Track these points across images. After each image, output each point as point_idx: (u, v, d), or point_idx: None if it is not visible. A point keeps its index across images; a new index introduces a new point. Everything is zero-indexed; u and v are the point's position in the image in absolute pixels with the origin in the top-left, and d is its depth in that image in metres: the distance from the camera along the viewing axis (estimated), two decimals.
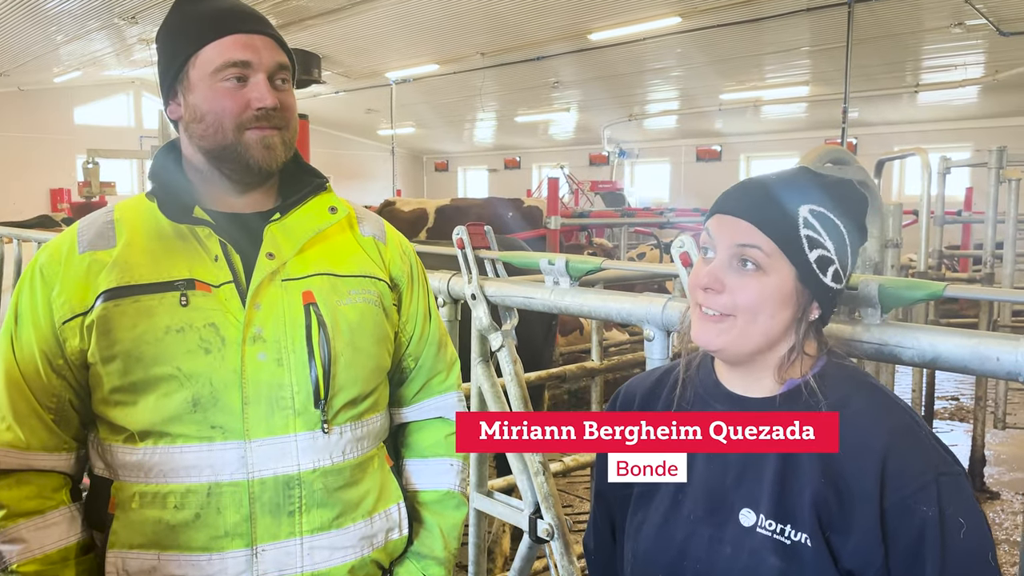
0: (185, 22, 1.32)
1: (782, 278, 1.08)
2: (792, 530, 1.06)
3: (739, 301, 1.08)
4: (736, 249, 1.09)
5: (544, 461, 2.00)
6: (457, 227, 2.07)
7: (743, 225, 1.09)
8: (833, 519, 1.04)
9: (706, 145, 20.10)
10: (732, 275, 1.09)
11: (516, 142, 23.32)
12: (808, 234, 1.08)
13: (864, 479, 1.02)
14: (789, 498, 1.07)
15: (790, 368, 1.12)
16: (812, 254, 1.08)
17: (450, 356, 1.57)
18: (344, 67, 16.17)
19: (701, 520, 1.14)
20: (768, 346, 1.11)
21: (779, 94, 16.07)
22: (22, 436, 1.26)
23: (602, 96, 17.37)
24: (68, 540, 1.28)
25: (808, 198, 1.10)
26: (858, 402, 1.08)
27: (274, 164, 1.32)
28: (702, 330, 1.11)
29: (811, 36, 12.61)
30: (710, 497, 1.14)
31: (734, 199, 1.12)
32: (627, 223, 9.44)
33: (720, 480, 1.13)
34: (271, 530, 1.27)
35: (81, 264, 1.28)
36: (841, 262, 1.11)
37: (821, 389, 1.09)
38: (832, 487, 1.04)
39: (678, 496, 1.17)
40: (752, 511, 1.09)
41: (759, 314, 1.08)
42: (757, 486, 1.09)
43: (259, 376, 1.26)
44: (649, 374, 1.32)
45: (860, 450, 1.04)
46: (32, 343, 1.27)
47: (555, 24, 12.76)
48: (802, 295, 1.09)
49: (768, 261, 1.07)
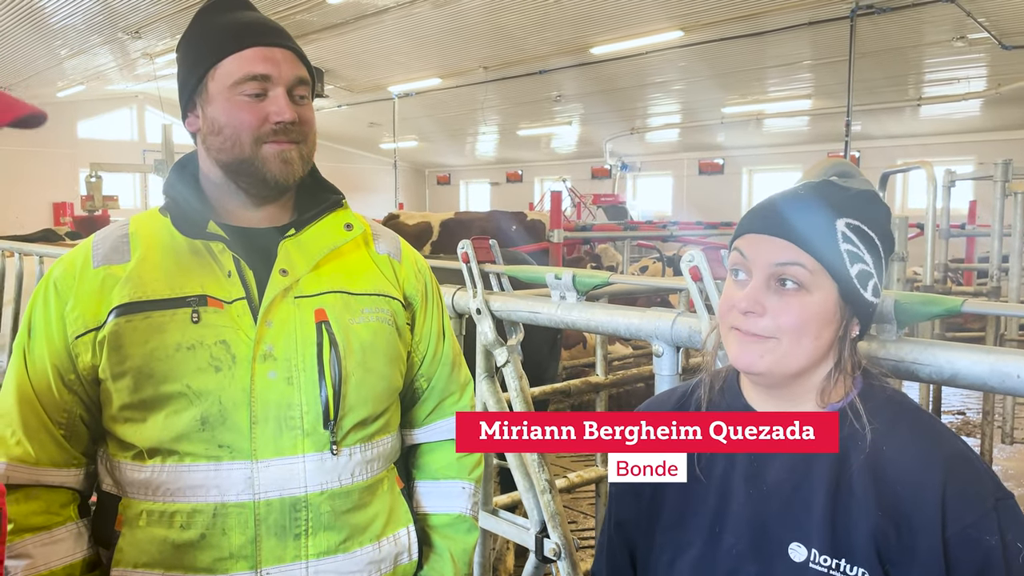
0: (205, 34, 1.31)
1: (825, 296, 1.04)
2: (848, 565, 1.02)
3: (782, 323, 1.04)
4: (775, 269, 1.05)
5: (550, 479, 1.97)
6: (462, 241, 2.06)
7: (780, 243, 1.05)
8: (892, 552, 1.00)
9: (708, 158, 20.12)
10: (772, 296, 1.05)
11: (518, 155, 23.37)
12: (848, 248, 1.05)
13: (924, 510, 0.99)
14: (843, 531, 1.02)
15: (833, 390, 1.08)
16: (853, 269, 1.05)
17: (464, 377, 1.54)
18: (347, 81, 16.24)
19: (745, 555, 1.08)
20: (812, 367, 1.07)
21: (781, 107, 16.11)
22: (32, 451, 1.25)
23: (604, 109, 17.42)
24: (74, 557, 1.26)
25: (841, 211, 1.07)
26: (906, 427, 1.04)
27: (291, 179, 1.30)
28: (743, 352, 1.06)
29: (813, 50, 12.65)
30: (754, 530, 1.08)
31: (766, 217, 1.08)
32: (630, 236, 9.42)
33: (763, 511, 1.08)
34: (276, 553, 1.24)
35: (95, 278, 1.26)
36: (878, 275, 1.08)
37: (864, 411, 1.05)
38: (890, 519, 1.00)
39: (715, 528, 1.12)
40: (803, 545, 1.04)
41: (803, 335, 1.04)
42: (806, 517, 1.05)
43: (268, 395, 1.24)
44: (667, 396, 1.28)
45: (917, 478, 1.00)
46: (44, 357, 1.26)
47: (557, 38, 12.81)
48: (844, 312, 1.06)
49: (811, 279, 1.04)
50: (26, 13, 11.22)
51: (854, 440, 1.05)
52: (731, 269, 1.11)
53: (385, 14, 11.88)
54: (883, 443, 1.03)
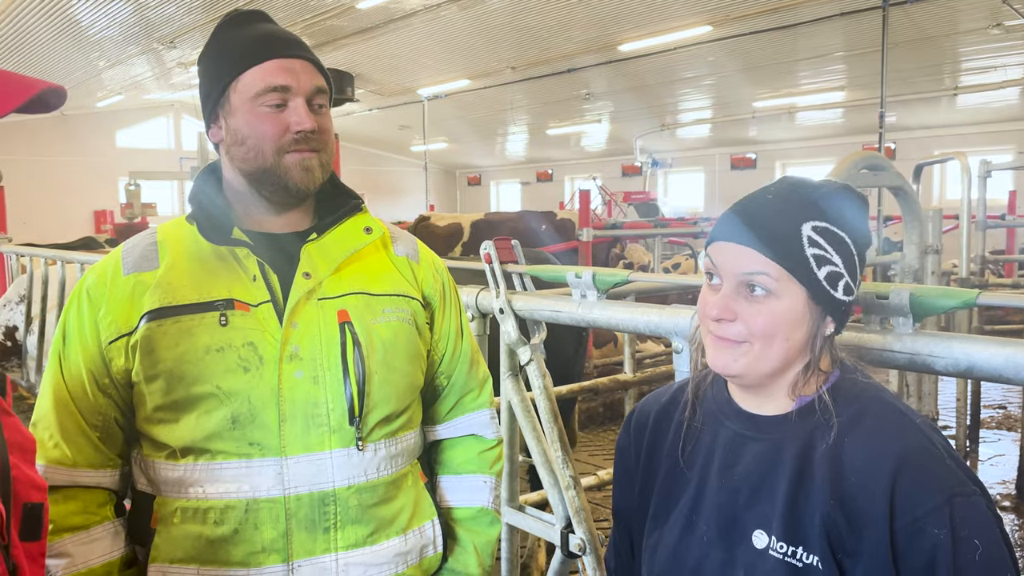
0: (226, 47, 1.35)
1: (793, 300, 1.06)
2: (804, 552, 1.04)
3: (753, 328, 1.06)
4: (743, 277, 1.07)
5: (575, 475, 1.99)
6: (485, 242, 2.09)
7: (746, 252, 1.07)
8: (844, 541, 1.02)
9: (740, 153, 19.94)
10: (742, 302, 1.07)
11: (548, 155, 23.37)
12: (814, 253, 1.06)
13: (873, 500, 1.00)
14: (800, 520, 1.05)
15: (805, 385, 1.10)
16: (821, 272, 1.06)
17: (482, 374, 1.58)
18: (377, 85, 16.38)
19: (714, 542, 1.12)
20: (785, 367, 1.09)
21: (814, 100, 15.91)
22: (69, 453, 1.30)
23: (634, 106, 17.35)
24: (112, 555, 1.32)
25: (807, 214, 1.08)
26: (870, 420, 1.06)
27: (312, 186, 1.34)
28: (718, 356, 1.10)
29: (845, 40, 12.47)
30: (723, 518, 1.12)
31: (732, 225, 1.10)
32: (660, 234, 9.38)
33: (732, 500, 1.12)
34: (307, 546, 1.29)
35: (126, 285, 1.32)
36: (851, 274, 1.09)
37: (834, 404, 1.07)
38: (841, 508, 1.02)
39: (692, 517, 1.16)
40: (765, 533, 1.07)
41: (774, 338, 1.06)
42: (770, 507, 1.08)
43: (295, 394, 1.28)
44: (663, 392, 1.31)
45: (870, 471, 1.01)
46: (79, 363, 1.31)
47: (584, 36, 12.80)
48: (815, 312, 1.08)
49: (777, 285, 1.06)
50: (65, 26, 11.51)
51: (820, 432, 1.07)
52: (705, 273, 1.14)
53: (413, 17, 11.98)
54: (845, 435, 1.05)
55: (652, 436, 1.26)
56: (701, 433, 1.19)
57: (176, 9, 11.09)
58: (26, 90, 0.81)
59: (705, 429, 1.19)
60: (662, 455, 1.23)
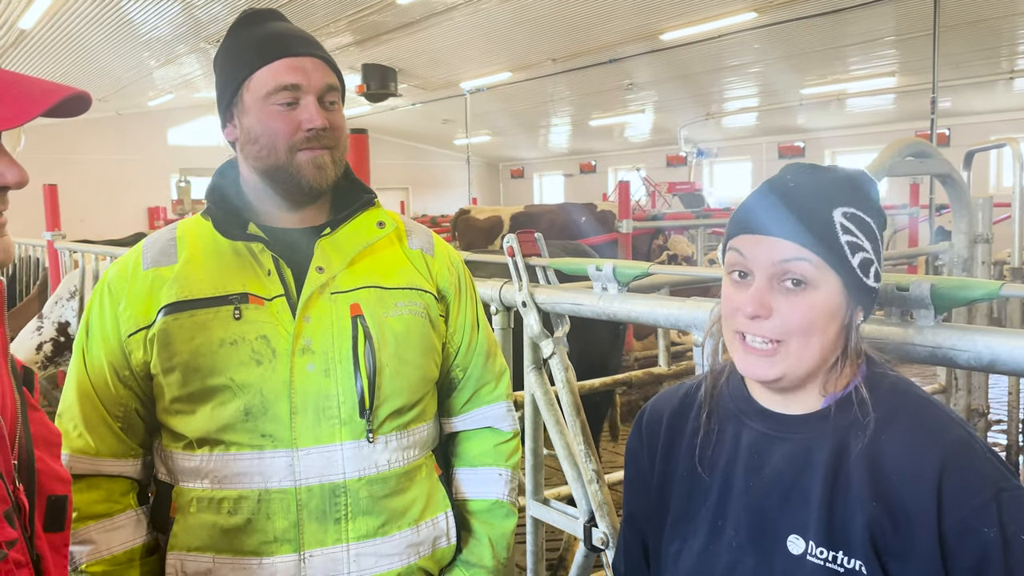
0: (238, 48, 1.38)
1: (829, 290, 1.02)
2: (845, 557, 1.00)
3: (791, 324, 1.02)
4: (779, 267, 1.02)
5: (598, 469, 1.98)
6: (507, 235, 2.09)
7: (780, 243, 1.03)
8: (889, 544, 0.98)
9: (788, 141, 19.53)
10: (778, 297, 1.03)
11: (591, 146, 23.22)
12: (848, 239, 1.03)
13: (920, 500, 0.97)
14: (839, 523, 1.01)
15: (837, 380, 1.06)
16: (855, 259, 1.03)
17: (499, 366, 1.58)
18: (420, 79, 16.46)
19: (744, 547, 1.08)
20: (823, 363, 1.05)
21: (864, 86, 15.49)
22: (92, 443, 1.34)
23: (678, 96, 17.12)
24: (134, 542, 1.36)
25: (836, 200, 1.04)
26: (906, 416, 1.02)
27: (324, 183, 1.36)
28: (750, 363, 1.05)
29: (897, 24, 12.11)
30: (752, 522, 1.08)
31: (763, 215, 1.05)
32: (703, 224, 9.22)
33: (762, 504, 1.07)
34: (318, 536, 1.31)
35: (145, 280, 1.35)
36: (878, 260, 1.06)
37: (869, 400, 1.03)
38: (886, 510, 0.99)
39: (717, 521, 1.12)
40: (801, 538, 1.03)
41: (812, 333, 1.02)
42: (804, 510, 1.04)
43: (307, 387, 1.30)
44: (675, 391, 1.26)
45: (913, 469, 0.98)
46: (101, 356, 1.35)
47: (626, 26, 12.66)
48: (848, 302, 1.04)
49: (816, 274, 1.02)
50: (117, 26, 11.79)
51: (854, 430, 1.03)
52: (729, 270, 1.09)
53: (454, 11, 12.00)
54: (882, 433, 1.01)
55: (667, 438, 1.22)
56: (721, 434, 1.14)
57: (222, 8, 11.28)
58: (49, 96, 0.83)
59: (725, 430, 1.14)
60: (679, 458, 1.19)
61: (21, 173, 0.84)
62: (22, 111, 0.79)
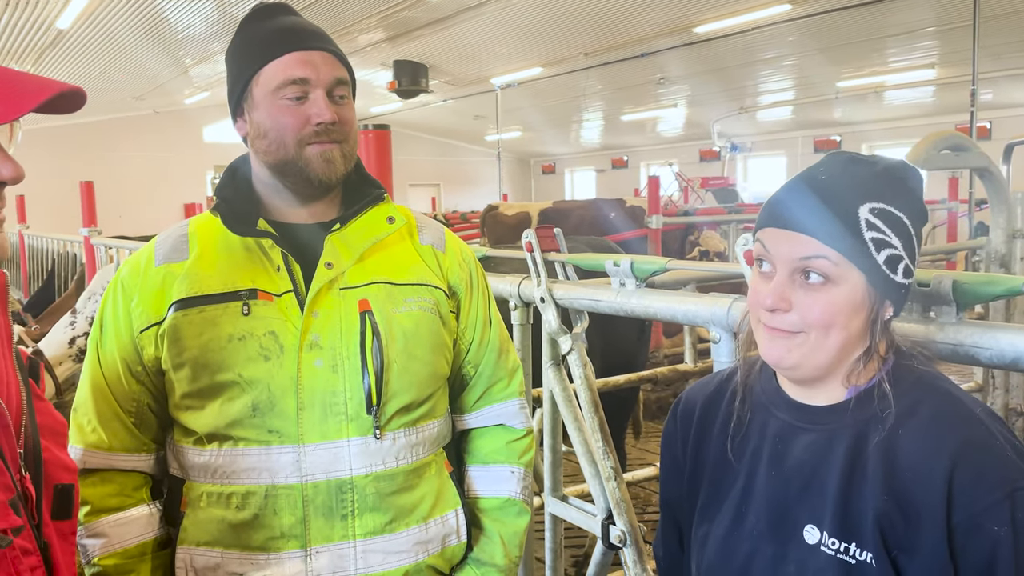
0: (247, 42, 1.37)
1: (852, 286, 1.01)
2: (857, 549, 1.00)
3: (810, 318, 1.01)
4: (799, 263, 1.02)
5: (616, 466, 1.96)
6: (525, 231, 2.07)
7: (802, 238, 1.02)
8: (899, 537, 0.97)
9: (824, 135, 19.22)
10: (798, 291, 1.02)
11: (623, 141, 23.08)
12: (873, 236, 1.01)
13: (929, 495, 0.95)
14: (853, 515, 1.01)
15: (862, 373, 1.05)
16: (880, 256, 1.01)
17: (511, 363, 1.56)
18: (451, 75, 16.49)
19: (764, 535, 1.09)
20: (842, 357, 1.04)
21: (903, 78, 15.18)
22: (105, 438, 1.35)
23: (711, 90, 16.93)
24: (146, 536, 1.37)
25: (864, 195, 1.02)
26: (927, 410, 1.00)
27: (334, 177, 1.35)
28: (772, 347, 1.05)
29: (937, 15, 11.84)
30: (773, 511, 1.09)
31: (784, 210, 1.05)
32: (735, 220, 9.11)
33: (783, 493, 1.08)
34: (324, 532, 1.30)
35: (157, 276, 1.36)
36: (910, 255, 1.04)
37: (892, 393, 1.02)
38: (896, 503, 0.97)
39: (741, 508, 1.13)
40: (816, 528, 1.04)
41: (832, 328, 1.01)
42: (821, 501, 1.04)
43: (314, 383, 1.30)
44: (708, 381, 1.28)
45: (926, 464, 0.96)
46: (114, 351, 1.37)
47: (658, 19, 12.55)
48: (874, 297, 1.03)
49: (836, 271, 1.01)
50: (152, 25, 11.98)
51: (874, 422, 1.02)
52: (756, 259, 1.09)
53: (485, 6, 11.99)
54: (900, 426, 1.00)
55: (699, 426, 1.23)
56: (750, 423, 1.15)
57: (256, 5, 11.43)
58: (42, 92, 0.83)
59: (754, 419, 1.15)
60: (710, 445, 1.21)
61: (16, 168, 0.85)
62: (15, 106, 0.80)
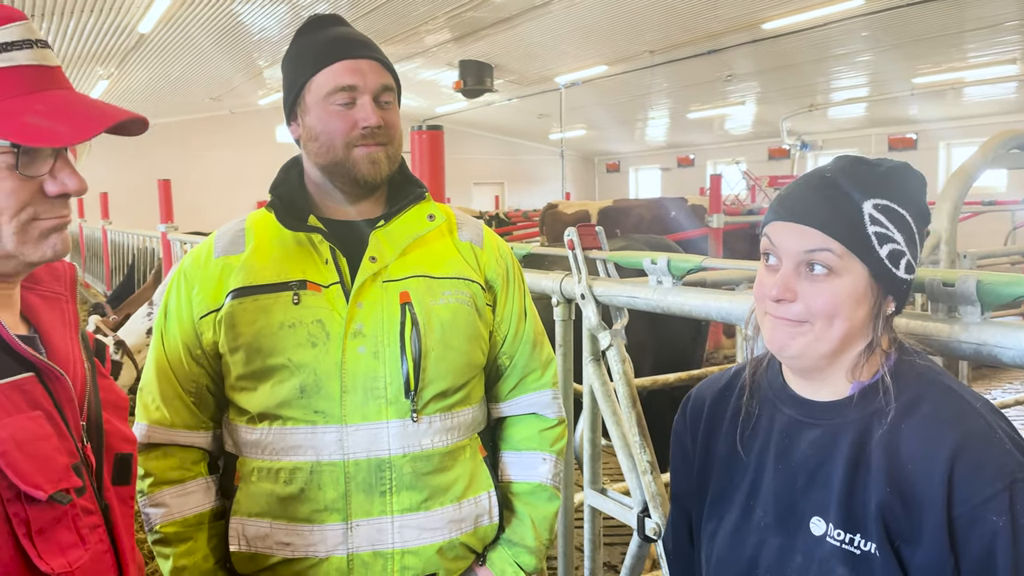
0: (300, 52, 1.49)
1: (855, 278, 1.05)
2: (861, 540, 1.03)
3: (814, 308, 1.06)
4: (804, 255, 1.07)
5: (652, 460, 2.00)
6: (568, 228, 2.13)
7: (806, 231, 1.07)
8: (901, 528, 1.01)
9: (899, 133, 18.64)
10: (803, 282, 1.07)
11: (689, 139, 22.80)
12: (876, 231, 1.05)
13: (929, 486, 0.98)
14: (858, 507, 1.04)
15: (864, 368, 1.09)
16: (883, 250, 1.05)
17: (545, 355, 1.63)
18: (516, 74, 16.58)
19: (772, 528, 1.13)
20: (844, 348, 1.08)
21: (983, 74, 14.60)
22: (168, 415, 1.48)
23: (780, 87, 16.61)
24: (203, 507, 1.48)
25: (868, 192, 1.07)
26: (928, 404, 1.03)
27: (379, 177, 1.45)
28: (776, 335, 1.10)
29: (1019, 8, 11.37)
30: (780, 504, 1.13)
31: (791, 205, 1.10)
32: None
33: (789, 487, 1.12)
34: (364, 507, 1.40)
35: (216, 267, 1.48)
36: (911, 252, 1.08)
37: (893, 387, 1.05)
38: (898, 495, 1.01)
39: (749, 502, 1.17)
40: (822, 519, 1.08)
41: (835, 318, 1.06)
42: (826, 493, 1.08)
43: (357, 368, 1.39)
44: (719, 377, 1.32)
45: (926, 457, 1.00)
46: (177, 336, 1.49)
47: (725, 16, 12.38)
48: (876, 291, 1.07)
49: (839, 263, 1.05)
50: (229, 28, 12.42)
51: (878, 417, 1.05)
52: (762, 253, 1.14)
53: (550, 4, 12.03)
54: (902, 420, 1.03)
55: (708, 422, 1.28)
56: (757, 419, 1.19)
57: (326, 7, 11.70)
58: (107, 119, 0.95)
59: (761, 415, 1.19)
60: (719, 440, 1.25)
61: (81, 183, 0.96)
62: (83, 129, 0.92)
